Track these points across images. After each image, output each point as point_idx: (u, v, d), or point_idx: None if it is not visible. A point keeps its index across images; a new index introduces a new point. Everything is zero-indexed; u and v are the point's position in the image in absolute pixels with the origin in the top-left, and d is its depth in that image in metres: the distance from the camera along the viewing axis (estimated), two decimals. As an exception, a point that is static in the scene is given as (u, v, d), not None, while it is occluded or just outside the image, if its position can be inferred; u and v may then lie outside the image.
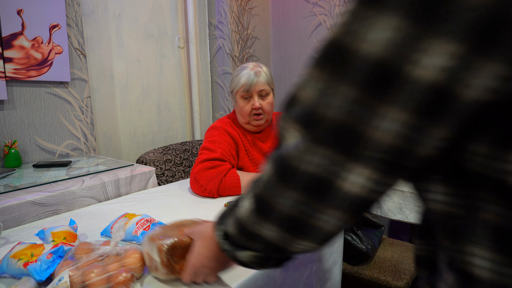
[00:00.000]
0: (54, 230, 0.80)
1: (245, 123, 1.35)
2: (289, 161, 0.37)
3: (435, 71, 0.28)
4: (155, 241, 0.63)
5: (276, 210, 0.40)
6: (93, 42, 1.83)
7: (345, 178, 0.34)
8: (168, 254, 0.62)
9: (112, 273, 0.61)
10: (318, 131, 0.34)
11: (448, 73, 0.27)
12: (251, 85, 1.27)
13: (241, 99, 1.31)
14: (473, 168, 0.34)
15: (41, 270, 0.63)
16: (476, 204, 0.34)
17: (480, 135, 0.32)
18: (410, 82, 0.28)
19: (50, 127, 1.61)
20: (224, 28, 2.42)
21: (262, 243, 0.44)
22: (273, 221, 0.41)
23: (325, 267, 0.99)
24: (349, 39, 0.30)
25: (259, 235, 0.44)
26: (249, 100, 1.30)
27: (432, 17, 0.27)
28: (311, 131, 0.35)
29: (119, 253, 0.66)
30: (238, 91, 1.31)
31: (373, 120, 0.31)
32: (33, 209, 1.06)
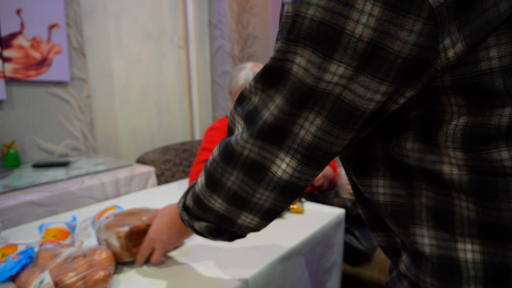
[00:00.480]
0: (50, 226, 0.80)
1: None
2: (234, 146, 0.45)
3: (337, 88, 0.37)
4: (113, 228, 0.70)
5: (222, 184, 0.48)
6: (93, 42, 1.83)
7: (277, 164, 0.43)
8: (127, 239, 0.69)
9: (88, 272, 0.61)
10: (256, 128, 0.42)
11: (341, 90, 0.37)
12: None
13: None
14: (408, 162, 0.41)
15: (4, 271, 0.61)
16: (415, 192, 0.42)
17: (405, 134, 0.40)
18: (323, 96, 0.38)
19: (49, 127, 1.61)
20: (224, 28, 2.42)
21: (213, 214, 0.51)
22: (220, 194, 0.48)
23: (325, 267, 0.99)
24: (285, 65, 0.39)
25: (211, 207, 0.51)
26: None
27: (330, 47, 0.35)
28: (251, 127, 0.43)
29: (85, 253, 0.66)
30: (237, 92, 1.31)
31: (298, 121, 0.40)
32: (32, 209, 1.06)
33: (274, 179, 0.44)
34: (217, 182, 0.48)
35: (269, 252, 0.78)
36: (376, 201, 0.45)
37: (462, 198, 0.38)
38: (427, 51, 0.33)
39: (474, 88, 0.35)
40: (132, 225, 0.71)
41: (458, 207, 0.39)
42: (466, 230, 0.39)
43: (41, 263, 0.64)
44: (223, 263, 0.74)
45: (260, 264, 0.73)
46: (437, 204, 0.40)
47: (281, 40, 0.39)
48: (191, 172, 1.24)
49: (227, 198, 0.48)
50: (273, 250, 0.79)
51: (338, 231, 1.04)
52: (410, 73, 0.35)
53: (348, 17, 0.33)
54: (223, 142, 0.48)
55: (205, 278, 0.68)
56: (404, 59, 0.34)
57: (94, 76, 1.85)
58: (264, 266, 0.73)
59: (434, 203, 0.41)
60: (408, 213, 0.42)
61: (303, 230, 0.90)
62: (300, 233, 0.89)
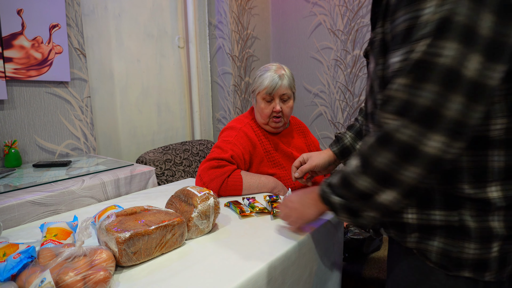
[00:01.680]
0: (51, 225, 0.80)
1: (263, 124, 1.36)
2: (387, 132, 0.55)
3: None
4: (113, 233, 0.71)
5: (372, 165, 0.58)
6: (93, 42, 1.83)
7: (425, 143, 0.52)
8: (126, 245, 0.70)
9: (88, 272, 0.61)
10: (410, 113, 0.52)
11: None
12: (274, 89, 1.28)
13: (262, 101, 1.31)
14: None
15: (5, 270, 0.61)
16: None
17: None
18: (466, 81, 0.50)
19: (50, 127, 1.61)
20: (224, 28, 2.42)
21: (352, 191, 0.62)
22: (368, 174, 0.59)
23: (325, 267, 0.99)
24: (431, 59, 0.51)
25: (353, 185, 0.61)
26: (271, 102, 1.31)
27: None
28: (405, 114, 0.53)
29: (86, 253, 0.66)
30: (260, 92, 1.31)
31: (446, 104, 0.50)
32: (33, 209, 1.06)
33: (421, 155, 0.53)
34: (369, 163, 0.58)
35: (269, 252, 0.79)
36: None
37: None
38: None
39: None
40: (132, 231, 0.71)
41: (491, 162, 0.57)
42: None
43: (42, 263, 0.64)
44: (223, 263, 0.74)
45: (260, 264, 0.73)
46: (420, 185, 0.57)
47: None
48: (199, 167, 1.23)
49: (374, 175, 0.58)
50: (273, 250, 0.80)
51: (338, 231, 1.04)
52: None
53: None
54: (377, 132, 0.58)
55: (205, 278, 0.68)
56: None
57: (94, 76, 1.85)
58: (264, 266, 0.73)
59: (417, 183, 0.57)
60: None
61: (303, 230, 0.91)
62: (300, 233, 0.89)
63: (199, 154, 2.02)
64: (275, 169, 1.31)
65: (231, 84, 2.49)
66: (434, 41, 0.50)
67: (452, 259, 0.61)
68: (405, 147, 0.53)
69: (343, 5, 2.38)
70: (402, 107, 0.53)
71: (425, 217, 0.63)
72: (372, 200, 0.60)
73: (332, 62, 2.50)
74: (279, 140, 1.37)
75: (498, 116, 0.56)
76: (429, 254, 0.63)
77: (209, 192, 0.91)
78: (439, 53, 0.49)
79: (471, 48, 0.48)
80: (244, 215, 1.01)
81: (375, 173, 0.57)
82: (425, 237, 0.64)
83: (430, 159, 0.52)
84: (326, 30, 2.49)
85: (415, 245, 0.65)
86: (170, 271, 0.71)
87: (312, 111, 2.65)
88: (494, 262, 0.60)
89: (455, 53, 0.49)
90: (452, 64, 0.49)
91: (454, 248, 0.61)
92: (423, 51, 0.51)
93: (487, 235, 0.59)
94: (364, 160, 0.59)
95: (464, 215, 0.60)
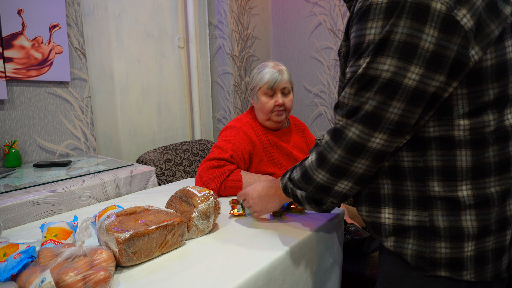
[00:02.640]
0: (51, 225, 0.80)
1: (265, 120, 1.37)
2: (339, 131, 0.64)
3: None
4: (113, 233, 0.71)
5: (328, 161, 0.67)
6: (93, 42, 1.83)
7: (371, 141, 0.62)
8: (126, 245, 0.70)
9: (89, 272, 0.61)
10: (357, 116, 0.63)
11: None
12: (276, 82, 1.32)
13: (264, 96, 1.34)
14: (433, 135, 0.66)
15: (5, 270, 0.61)
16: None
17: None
18: (404, 90, 0.59)
19: (50, 127, 1.61)
20: (224, 28, 2.42)
21: (313, 185, 0.71)
22: (325, 169, 0.68)
23: (325, 267, 0.99)
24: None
25: (313, 179, 0.70)
26: (272, 97, 1.33)
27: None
28: (352, 117, 0.63)
29: (86, 253, 0.66)
30: (261, 88, 1.33)
31: (387, 109, 0.60)
32: (33, 208, 1.06)
33: (370, 150, 0.63)
34: (326, 159, 0.67)
35: (269, 252, 0.79)
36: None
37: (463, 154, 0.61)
38: (465, 56, 0.57)
39: (475, 78, 0.59)
40: (132, 231, 0.71)
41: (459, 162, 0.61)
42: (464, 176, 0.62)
43: (42, 263, 0.64)
44: (223, 263, 0.74)
45: (260, 264, 0.73)
46: (395, 192, 0.67)
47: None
48: (199, 167, 1.23)
49: (330, 170, 0.67)
50: (273, 250, 0.80)
51: (338, 231, 1.04)
52: (456, 70, 0.58)
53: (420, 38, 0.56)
54: (332, 129, 0.67)
55: (205, 278, 0.68)
56: (452, 60, 0.57)
57: (94, 76, 1.85)
58: (264, 266, 0.73)
59: (393, 191, 0.67)
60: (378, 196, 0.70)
61: (303, 230, 0.91)
62: (300, 233, 0.89)
63: (199, 154, 2.02)
64: (275, 168, 1.31)
65: (231, 84, 2.49)
66: (374, 58, 0.59)
67: (427, 260, 0.64)
68: (354, 144, 0.63)
69: (343, 5, 2.38)
70: (349, 111, 0.63)
71: (399, 217, 0.67)
72: (330, 190, 0.70)
73: (332, 62, 2.50)
74: (278, 139, 1.38)
75: (461, 118, 0.60)
76: (406, 256, 0.66)
77: (209, 192, 0.91)
78: (378, 68, 0.59)
79: (409, 62, 0.57)
80: (234, 215, 1.01)
81: (330, 167, 0.67)
82: (400, 240, 0.67)
83: (376, 153, 0.62)
84: (326, 30, 2.49)
85: (393, 249, 0.68)
86: (170, 271, 0.71)
87: (312, 111, 2.65)
88: (469, 261, 0.62)
89: (392, 68, 0.58)
90: (390, 76, 0.58)
91: (427, 248, 0.64)
92: (364, 67, 0.60)
93: (457, 234, 0.61)
94: (320, 157, 0.68)
95: (435, 215, 0.63)
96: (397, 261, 0.70)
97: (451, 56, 0.56)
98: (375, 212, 0.70)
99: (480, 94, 0.59)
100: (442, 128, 0.61)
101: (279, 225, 0.94)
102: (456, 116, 0.60)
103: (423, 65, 0.56)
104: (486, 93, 0.59)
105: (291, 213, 1.04)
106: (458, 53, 0.56)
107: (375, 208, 0.70)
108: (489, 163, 0.61)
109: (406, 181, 0.65)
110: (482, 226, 0.61)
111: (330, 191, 0.70)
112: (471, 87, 0.59)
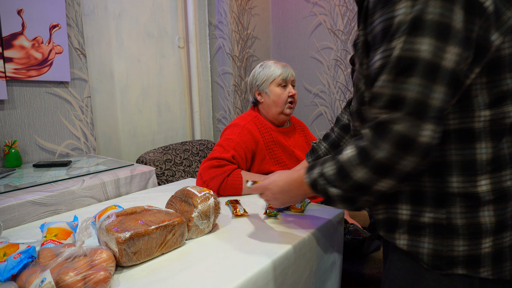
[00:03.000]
0: (51, 225, 0.80)
1: (278, 113, 1.39)
2: (382, 124, 0.57)
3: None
4: (113, 233, 0.71)
5: (372, 158, 0.59)
6: (93, 42, 1.83)
7: (420, 134, 0.55)
8: (126, 245, 0.70)
9: (89, 272, 0.61)
10: (401, 107, 0.56)
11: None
12: (288, 74, 1.39)
13: (278, 87, 1.38)
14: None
15: (5, 270, 0.61)
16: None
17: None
18: (445, 72, 0.55)
19: (50, 127, 1.61)
20: (224, 28, 2.42)
21: (349, 183, 0.63)
22: (367, 166, 0.60)
23: (325, 267, 0.99)
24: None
25: (350, 177, 0.62)
26: (285, 88, 1.39)
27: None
28: (396, 108, 0.56)
29: (86, 253, 0.66)
30: (275, 80, 1.38)
31: (431, 95, 0.54)
32: (33, 209, 1.06)
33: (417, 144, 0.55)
34: (369, 155, 0.59)
35: (269, 252, 0.79)
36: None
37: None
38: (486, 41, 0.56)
39: (493, 66, 0.57)
40: (132, 231, 0.71)
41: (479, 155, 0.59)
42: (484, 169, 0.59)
43: (42, 263, 0.64)
44: (223, 263, 0.74)
45: (260, 264, 0.73)
46: (416, 189, 0.64)
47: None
48: (200, 166, 1.23)
49: (373, 168, 0.59)
50: (273, 250, 0.80)
51: (338, 231, 1.04)
52: (479, 54, 0.56)
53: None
54: (373, 122, 0.59)
55: (205, 278, 0.68)
56: (476, 43, 0.55)
57: (94, 76, 1.85)
58: (264, 266, 0.73)
59: (414, 187, 0.64)
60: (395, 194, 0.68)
61: (303, 230, 0.91)
62: (300, 233, 0.89)
63: (199, 154, 2.02)
64: (277, 167, 1.31)
65: (231, 84, 2.49)
66: (409, 38, 0.54)
67: (443, 258, 0.62)
68: (403, 139, 0.55)
69: (343, 5, 2.38)
70: (391, 101, 0.56)
71: (416, 214, 0.64)
72: (369, 189, 0.62)
73: (332, 62, 2.50)
74: (281, 137, 1.38)
75: (481, 109, 0.58)
76: (421, 256, 0.64)
77: (209, 192, 0.91)
78: (416, 49, 0.54)
79: (446, 42, 0.53)
80: (237, 215, 1.01)
81: (373, 165, 0.59)
82: (415, 239, 0.65)
83: (424, 147, 0.55)
84: (326, 30, 2.49)
85: (407, 248, 0.66)
86: (170, 271, 0.71)
87: (312, 111, 2.65)
88: (487, 258, 0.60)
89: (431, 48, 0.53)
90: (430, 57, 0.53)
91: (444, 247, 0.62)
92: (400, 48, 0.55)
93: (475, 231, 0.60)
94: (362, 153, 0.60)
95: (452, 213, 0.61)
96: (408, 262, 0.67)
97: (476, 38, 0.55)
98: (392, 209, 0.67)
99: (499, 83, 0.58)
100: (462, 120, 0.59)
101: (279, 225, 0.94)
102: (477, 107, 0.58)
103: (458, 45, 0.53)
104: (505, 82, 0.58)
105: (291, 213, 1.04)
106: (481, 36, 0.55)
107: (392, 205, 0.67)
108: (504, 155, 0.59)
109: (423, 177, 0.63)
110: (499, 221, 0.60)
111: (368, 190, 0.63)
112: (490, 76, 0.58)
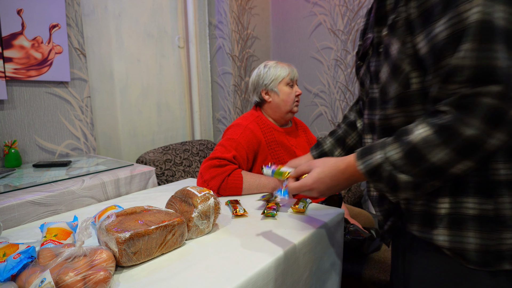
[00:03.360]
0: (51, 225, 0.80)
1: (286, 112, 1.40)
2: (474, 97, 0.50)
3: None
4: (113, 234, 0.70)
5: (459, 136, 0.51)
6: (93, 42, 1.83)
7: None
8: (126, 245, 0.69)
9: (89, 273, 0.61)
10: (491, 78, 0.49)
11: None
12: (295, 74, 1.42)
13: (286, 87, 1.40)
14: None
15: (5, 270, 0.61)
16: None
17: None
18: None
19: (50, 127, 1.61)
20: (224, 28, 2.42)
21: (422, 167, 0.55)
22: (452, 146, 0.52)
23: (325, 267, 0.99)
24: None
25: (426, 159, 0.54)
26: (293, 87, 1.42)
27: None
28: (485, 80, 0.49)
29: (86, 253, 0.66)
30: (284, 79, 1.39)
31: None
32: (33, 209, 1.06)
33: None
34: (453, 132, 0.51)
35: (269, 252, 0.79)
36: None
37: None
38: None
39: None
40: (132, 231, 0.71)
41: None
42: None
43: (42, 263, 0.64)
44: (223, 263, 0.74)
45: (260, 264, 0.73)
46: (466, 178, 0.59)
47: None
48: (202, 165, 1.23)
49: (457, 147, 0.52)
50: (273, 250, 0.80)
51: (338, 231, 1.04)
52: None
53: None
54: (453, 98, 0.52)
55: (205, 278, 0.68)
56: None
57: (94, 76, 1.85)
58: (264, 266, 0.73)
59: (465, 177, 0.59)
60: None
61: (303, 230, 0.91)
62: (300, 233, 0.89)
63: (199, 154, 2.02)
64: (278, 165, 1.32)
65: (231, 84, 2.49)
66: (486, 1, 0.48)
67: (491, 254, 0.57)
68: (495, 112, 0.48)
69: (343, 5, 2.38)
70: (477, 73, 0.49)
71: (458, 205, 0.59)
72: (443, 173, 0.55)
73: (332, 62, 2.50)
74: (284, 137, 1.39)
75: None
76: (467, 253, 0.58)
77: (209, 192, 0.91)
78: (491, 11, 0.48)
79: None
80: (237, 215, 1.01)
81: (459, 144, 0.51)
82: (457, 234, 0.59)
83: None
84: (327, 30, 2.49)
85: (448, 245, 0.60)
86: (170, 271, 0.71)
87: (313, 111, 2.65)
88: None
89: (506, 15, 0.48)
90: (505, 24, 0.48)
91: (492, 241, 0.57)
92: (479, 11, 0.48)
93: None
94: (445, 130, 0.52)
95: (500, 203, 0.56)
96: (446, 265, 0.61)
97: None
98: (430, 202, 0.61)
99: None
100: None
101: (279, 225, 0.94)
102: None
103: None
104: None
105: (292, 213, 1.04)
106: None
107: (430, 197, 0.61)
108: None
109: None
110: None
111: (442, 174, 0.55)
112: None
